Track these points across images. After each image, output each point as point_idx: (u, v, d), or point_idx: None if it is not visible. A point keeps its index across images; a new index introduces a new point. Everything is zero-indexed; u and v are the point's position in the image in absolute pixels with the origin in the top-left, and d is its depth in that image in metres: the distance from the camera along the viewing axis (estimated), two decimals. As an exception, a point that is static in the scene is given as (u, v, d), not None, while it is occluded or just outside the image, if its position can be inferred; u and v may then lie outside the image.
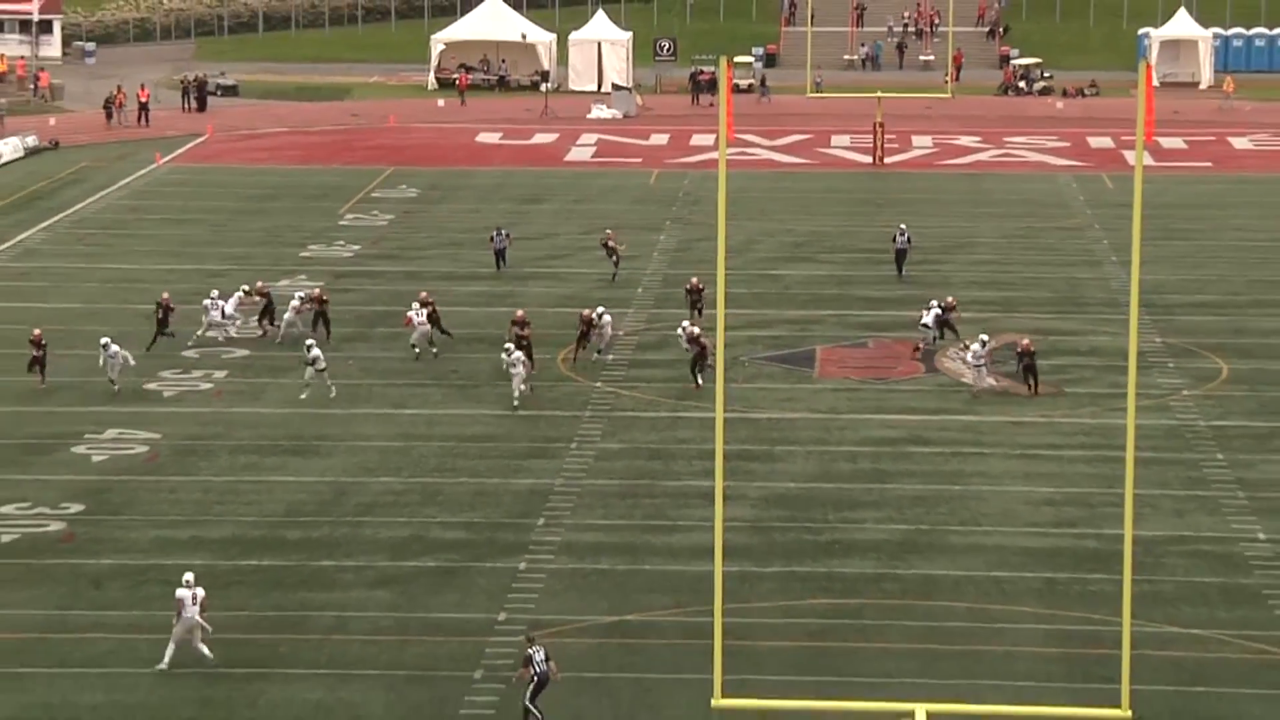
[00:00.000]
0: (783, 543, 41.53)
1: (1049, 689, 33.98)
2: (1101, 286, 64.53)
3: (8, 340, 56.86)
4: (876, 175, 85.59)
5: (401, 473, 45.78)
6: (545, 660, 32.95)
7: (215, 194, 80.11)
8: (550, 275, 65.52)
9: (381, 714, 33.46)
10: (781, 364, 55.26)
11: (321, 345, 52.88)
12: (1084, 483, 45.33)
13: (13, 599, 38.27)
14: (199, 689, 34.28)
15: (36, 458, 46.62)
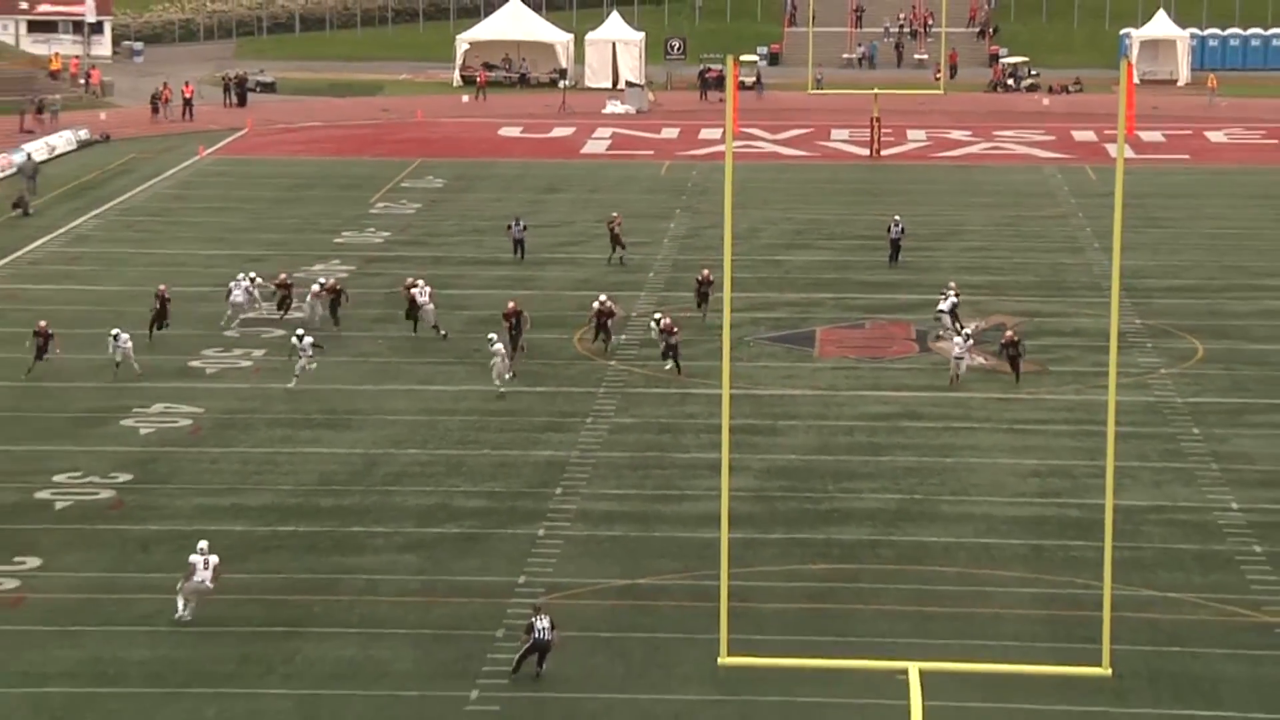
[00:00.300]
0: (784, 511, 41.53)
1: (1034, 649, 33.98)
2: (1084, 271, 64.44)
3: (60, 320, 56.83)
4: (873, 167, 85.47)
5: (427, 445, 45.78)
6: (550, 629, 32.90)
7: (254, 184, 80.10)
8: (567, 260, 65.48)
9: (410, 670, 33.49)
10: (783, 344, 55.22)
11: (328, 334, 53.01)
12: (1067, 455, 45.30)
13: (66, 562, 38.33)
14: (238, 646, 34.31)
15: (88, 430, 46.66)
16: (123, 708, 31.94)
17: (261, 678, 33.18)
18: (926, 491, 42.67)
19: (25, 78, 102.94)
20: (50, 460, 44.41)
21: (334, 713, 31.82)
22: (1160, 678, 33.35)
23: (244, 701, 32.21)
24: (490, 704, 32.17)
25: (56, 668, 33.47)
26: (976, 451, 45.57)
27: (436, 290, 56.78)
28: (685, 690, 32.67)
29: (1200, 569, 38.39)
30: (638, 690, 32.72)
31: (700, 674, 32.93)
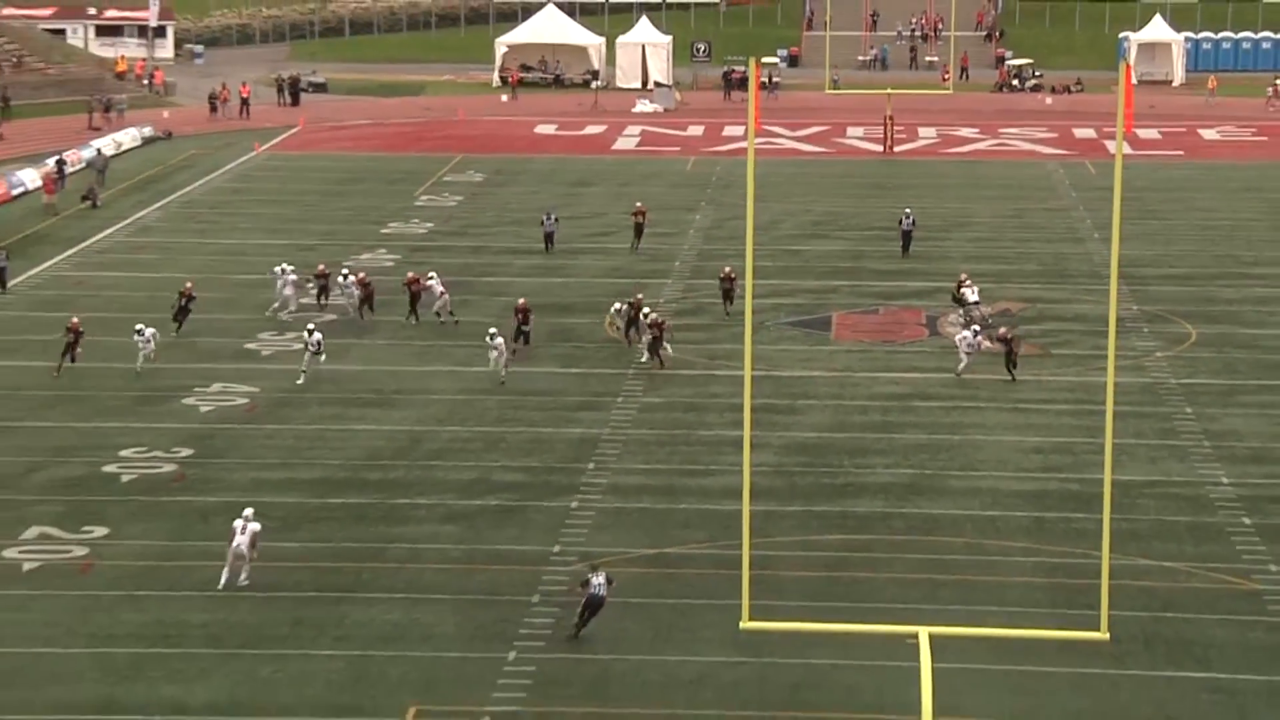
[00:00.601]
0: (802, 485, 41.49)
1: (1037, 614, 33.92)
2: (1084, 260, 64.27)
3: (126, 305, 57.02)
4: (886, 162, 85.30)
5: (468, 423, 45.81)
6: (605, 584, 32.98)
7: (307, 178, 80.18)
8: (598, 250, 65.45)
9: (452, 633, 33.53)
10: (802, 328, 55.16)
11: (361, 323, 53.47)
12: (1068, 433, 45.20)
13: (131, 531, 38.44)
14: (292, 610, 34.37)
15: (152, 408, 46.75)
16: (184, 667, 32.02)
17: (313, 639, 33.24)
18: (936, 467, 42.60)
19: (93, 79, 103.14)
20: (117, 436, 44.54)
21: (381, 672, 31.88)
22: (1155, 641, 33.28)
23: (297, 662, 32.28)
24: (527, 664, 32.20)
25: (122, 629, 33.58)
26: (982, 429, 45.49)
27: (475, 278, 56.69)
28: (709, 652, 32.68)
29: (1193, 540, 38.30)
30: (664, 652, 32.74)
31: (723, 637, 32.93)
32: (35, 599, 34.89)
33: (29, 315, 56.35)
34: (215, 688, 31.24)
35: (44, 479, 41.64)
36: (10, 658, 32.33)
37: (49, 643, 32.99)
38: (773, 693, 31.18)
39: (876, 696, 30.87)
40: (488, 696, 30.93)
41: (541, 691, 31.18)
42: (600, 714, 30.36)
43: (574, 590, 33.42)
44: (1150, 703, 31.00)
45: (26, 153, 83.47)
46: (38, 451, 43.42)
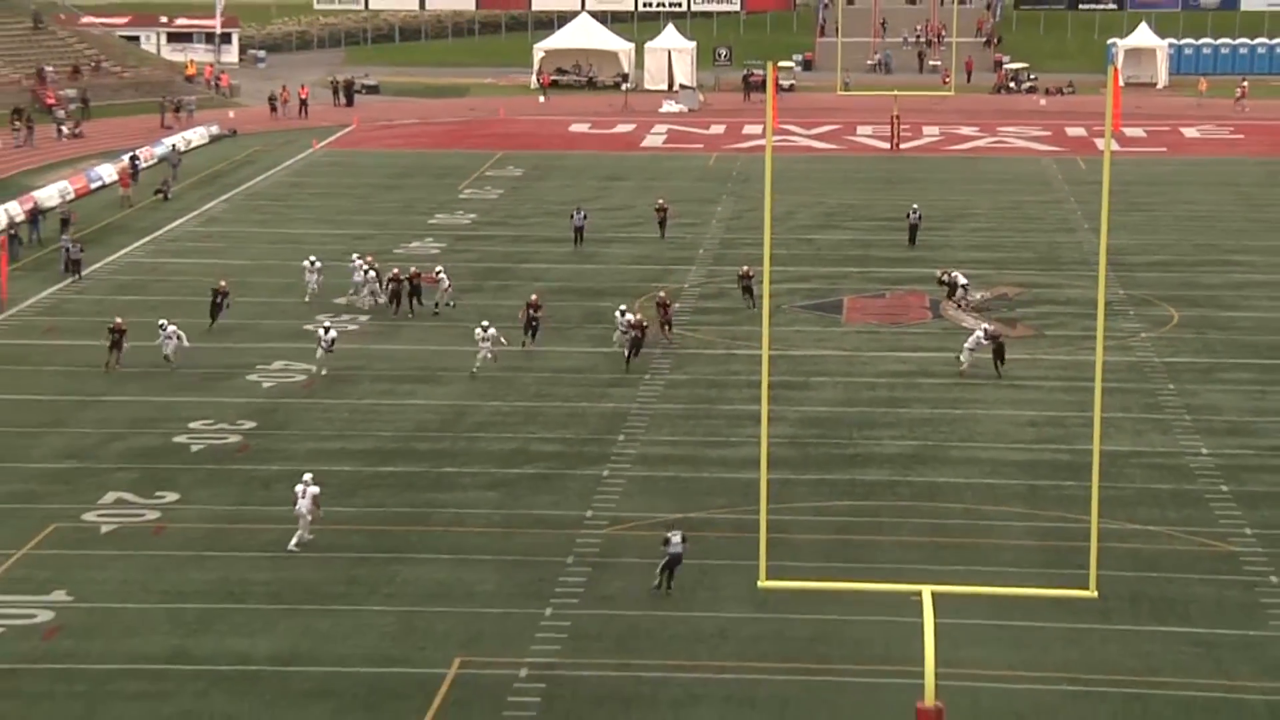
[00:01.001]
0: (815, 455, 41.44)
1: (1031, 574, 33.84)
2: (1075, 249, 64.05)
3: (194, 289, 57.09)
4: (893, 158, 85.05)
5: (508, 397, 45.81)
6: (682, 542, 33.00)
7: (360, 172, 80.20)
8: (628, 239, 65.37)
9: (493, 590, 33.55)
10: (815, 311, 55.05)
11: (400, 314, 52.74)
12: (1060, 408, 45.08)
13: (199, 496, 38.52)
14: (347, 570, 34.42)
15: (218, 384, 46.82)
16: (247, 621, 32.09)
17: (366, 596, 33.29)
18: (938, 439, 42.50)
19: (165, 81, 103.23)
20: (186, 409, 44.63)
21: (428, 627, 31.91)
22: (1140, 599, 33.20)
23: (351, 617, 32.33)
24: (562, 620, 32.20)
25: (191, 587, 33.66)
26: (981, 404, 45.39)
27: (515, 265, 56.56)
28: (729, 609, 32.65)
29: (1175, 505, 38.18)
30: (688, 609, 32.72)
31: (742, 595, 32.92)
32: (112, 559, 35.00)
33: (107, 299, 56.47)
34: (277, 640, 31.31)
35: (121, 448, 41.75)
36: (90, 612, 32.44)
37: (125, 599, 33.10)
38: (789, 646, 31.17)
39: (884, 649, 30.84)
40: (526, 649, 30.95)
41: (575, 645, 31.19)
42: (629, 665, 30.37)
43: (659, 554, 33.29)
44: (1135, 655, 30.93)
45: (104, 149, 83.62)
46: (116, 423, 43.54)
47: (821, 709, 28.86)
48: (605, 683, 29.70)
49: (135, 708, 28.70)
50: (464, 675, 29.95)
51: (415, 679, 29.79)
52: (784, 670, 30.21)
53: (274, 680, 29.72)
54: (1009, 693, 29.39)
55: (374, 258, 57.02)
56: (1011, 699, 29.18)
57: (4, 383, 47.14)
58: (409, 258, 61.92)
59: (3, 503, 38.07)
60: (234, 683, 29.61)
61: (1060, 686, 29.60)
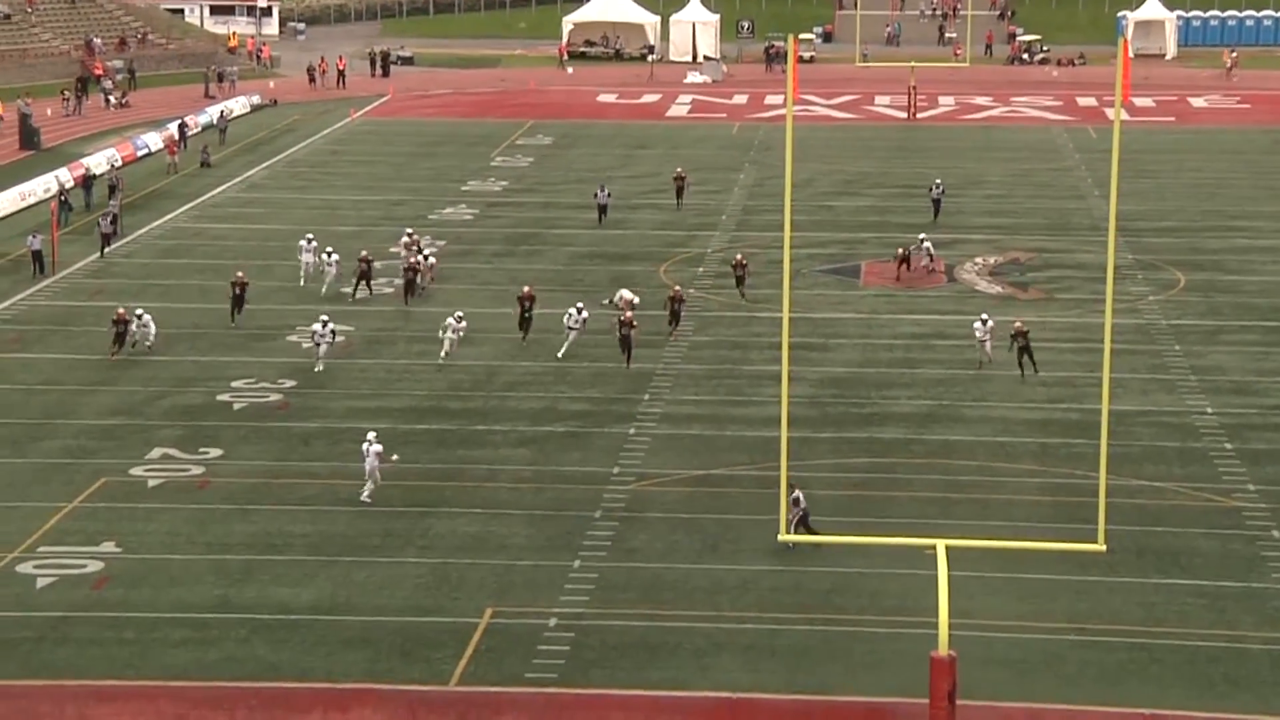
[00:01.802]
0: (834, 414, 41.41)
1: (1041, 528, 33.83)
2: (1086, 215, 63.81)
3: (238, 253, 57.19)
4: (910, 127, 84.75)
5: (539, 358, 45.82)
6: (804, 499, 32.91)
7: (396, 141, 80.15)
8: (652, 205, 65.26)
9: (523, 543, 33.61)
10: (834, 275, 54.94)
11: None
12: (1070, 368, 44.97)
13: (242, 452, 38.63)
14: (383, 523, 34.51)
15: (260, 344, 46.89)
16: (288, 572, 32.20)
17: (401, 548, 33.38)
18: (952, 398, 42.42)
19: (208, 52, 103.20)
20: (230, 369, 44.73)
21: (461, 578, 31.98)
22: (1146, 552, 33.15)
23: (386, 568, 32.42)
24: (590, 572, 32.26)
25: (235, 539, 33.79)
26: (995, 365, 45.26)
27: (544, 230, 56.43)
28: (750, 562, 32.68)
29: (1180, 462, 38.09)
30: (711, 561, 32.76)
31: (763, 548, 32.94)
32: (159, 511, 35.13)
33: (154, 262, 56.59)
34: (316, 590, 31.42)
35: (167, 406, 41.88)
36: (138, 563, 32.59)
37: (171, 550, 33.24)
38: (807, 597, 31.19)
39: (899, 601, 30.85)
40: (555, 599, 31.02)
41: (602, 596, 31.25)
42: (654, 615, 30.43)
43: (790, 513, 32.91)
44: (1141, 606, 30.89)
45: (150, 118, 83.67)
46: (162, 382, 43.66)
47: (838, 658, 28.90)
48: (631, 632, 29.76)
49: (181, 654, 28.84)
50: (495, 624, 30.04)
51: (449, 628, 29.88)
52: (803, 620, 30.24)
53: (313, 628, 29.83)
54: (1019, 642, 29.40)
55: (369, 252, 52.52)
56: (1022, 648, 29.19)
57: (56, 342, 47.30)
58: (441, 223, 62.00)
59: (54, 458, 38.24)
60: (275, 631, 29.74)
61: (1068, 637, 29.59)
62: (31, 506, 35.21)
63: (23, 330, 48.43)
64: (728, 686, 27.88)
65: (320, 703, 27.28)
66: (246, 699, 27.36)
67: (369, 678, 28.11)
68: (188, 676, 28.07)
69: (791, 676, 28.21)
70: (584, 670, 28.39)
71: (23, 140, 76.26)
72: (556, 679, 28.06)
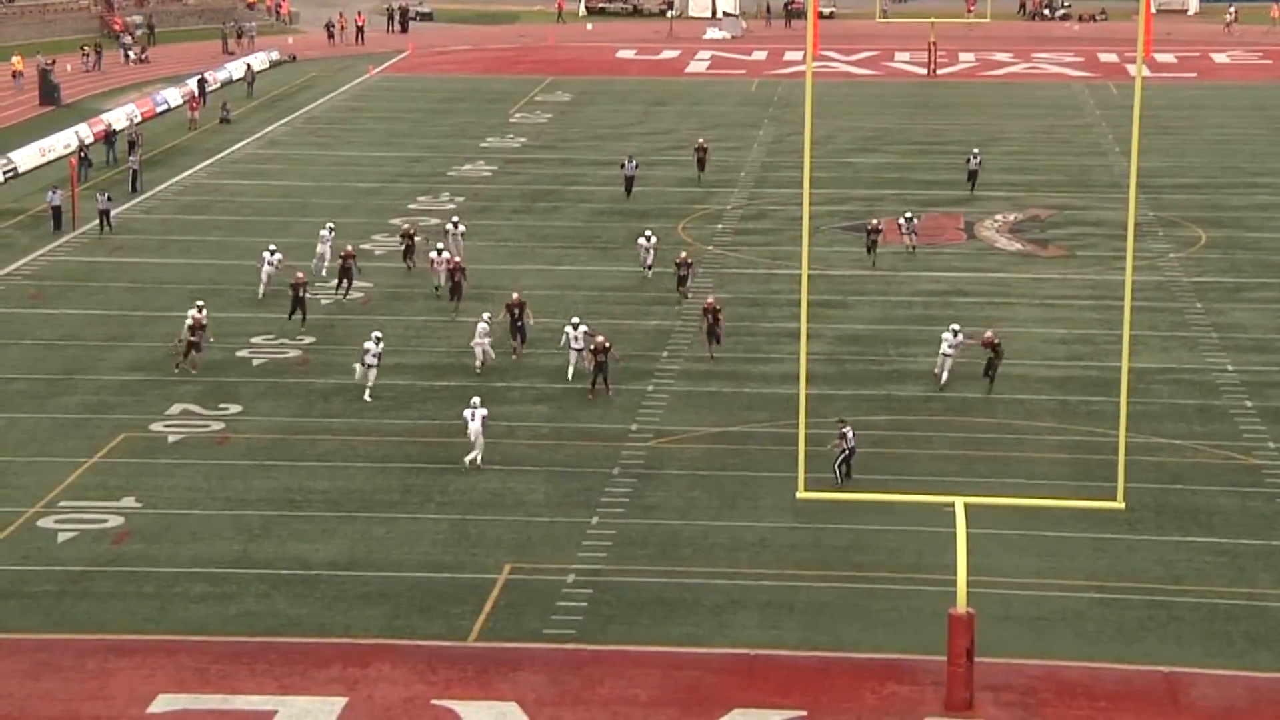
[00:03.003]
0: (853, 371, 41.33)
1: (1061, 486, 33.77)
2: (1106, 171, 63.52)
3: (257, 209, 57.19)
4: (930, 84, 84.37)
5: (556, 315, 45.69)
6: (852, 436, 33.60)
7: (415, 97, 79.98)
8: (672, 162, 65.07)
9: (541, 500, 33.63)
10: (853, 232, 54.73)
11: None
12: (1090, 325, 44.83)
13: (261, 409, 38.66)
14: (402, 479, 34.53)
15: (280, 301, 46.79)
16: (307, 528, 32.25)
17: (421, 505, 33.41)
18: (971, 356, 42.29)
19: (227, 8, 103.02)
20: (249, 325, 44.74)
21: (480, 534, 32.01)
22: (1165, 510, 33.08)
23: (406, 524, 32.46)
24: (607, 529, 32.27)
25: (254, 494, 33.84)
26: (1014, 322, 45.14)
27: (563, 187, 56.28)
28: (769, 519, 32.67)
29: (1200, 420, 37.98)
30: (729, 519, 32.75)
31: (781, 505, 32.92)
32: (179, 467, 35.20)
33: (173, 218, 56.60)
34: (335, 546, 31.47)
35: (187, 362, 41.85)
36: (158, 518, 32.66)
37: (191, 505, 33.31)
38: (826, 554, 31.18)
39: (917, 558, 30.82)
40: (573, 556, 31.04)
41: (620, 552, 31.27)
42: (672, 571, 30.44)
43: (833, 446, 33.67)
44: (1160, 564, 30.83)
45: (169, 74, 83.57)
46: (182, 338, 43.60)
47: (856, 615, 28.90)
48: (649, 588, 29.78)
49: (201, 609, 28.92)
50: (514, 580, 30.08)
51: (467, 583, 29.93)
52: (821, 578, 30.24)
53: (333, 584, 29.89)
54: (1038, 599, 29.37)
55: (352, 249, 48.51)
56: (1040, 605, 29.16)
57: (75, 298, 47.35)
58: (460, 180, 61.88)
59: (75, 413, 38.31)
60: (294, 586, 29.80)
61: (1087, 594, 29.56)
62: (52, 462, 35.30)
63: (43, 285, 48.49)
64: (746, 643, 27.89)
65: (339, 658, 27.35)
66: (266, 654, 27.43)
67: (388, 633, 28.16)
68: (207, 631, 28.15)
69: (809, 633, 28.21)
70: (602, 626, 28.42)
71: (42, 96, 76.29)
72: (574, 635, 28.09)
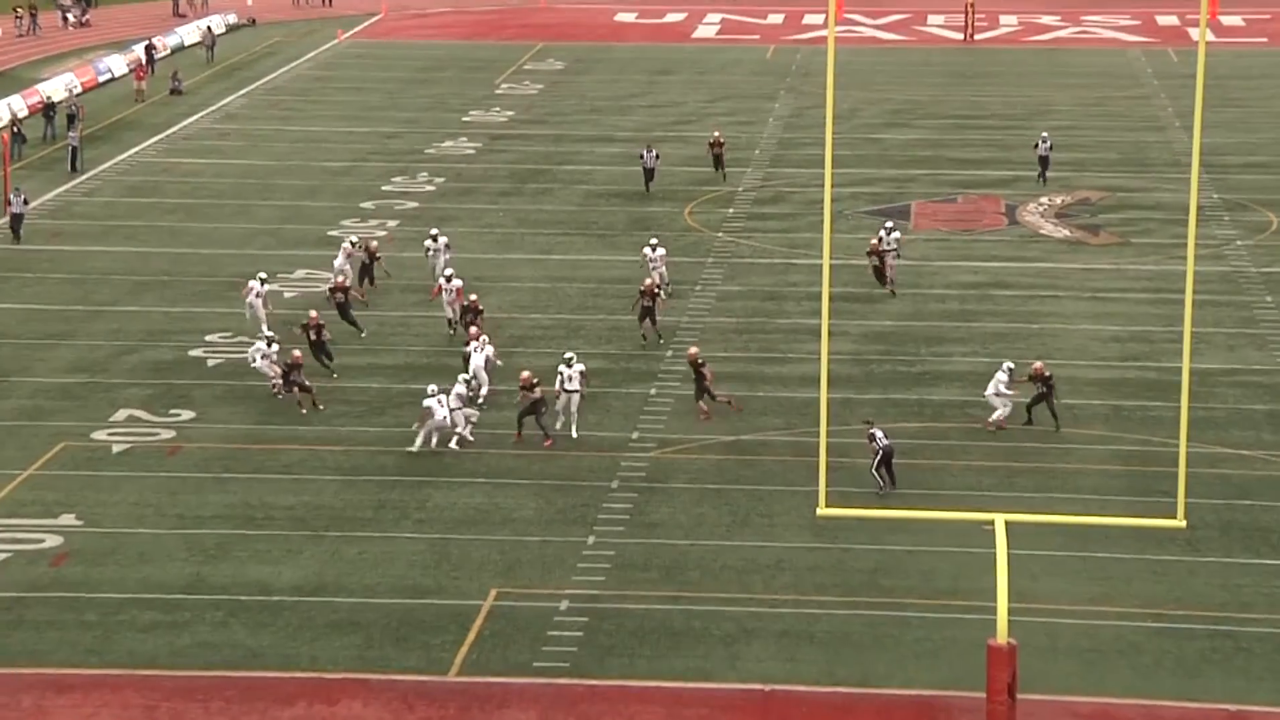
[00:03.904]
0: (880, 373, 41.38)
1: (1113, 501, 33.80)
2: (1165, 149, 63.58)
3: (213, 191, 57.27)
4: (967, 50, 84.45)
5: (549, 310, 45.82)
6: (885, 436, 34.21)
7: (389, 66, 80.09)
8: (677, 138, 65.16)
9: (532, 517, 33.66)
10: (880, 216, 54.78)
11: None
12: (1147, 321, 44.88)
13: (218, 414, 38.70)
14: (375, 493, 34.58)
15: (237, 293, 46.84)
16: (269, 548, 32.29)
17: (396, 522, 33.46)
18: (1013, 355, 42.28)
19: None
20: (203, 321, 44.82)
21: (463, 555, 32.05)
22: (1231, 529, 33.10)
23: (380, 544, 32.50)
24: (605, 549, 32.31)
25: (209, 511, 33.88)
26: (1061, 318, 45.21)
27: (555, 166, 56.32)
28: (786, 538, 32.71)
29: (1270, 428, 38.00)
30: (742, 538, 32.79)
31: (800, 523, 32.96)
32: (125, 480, 35.25)
33: (118, 202, 56.68)
34: (301, 568, 31.51)
35: (133, 362, 41.97)
36: (101, 537, 32.70)
37: (138, 523, 33.35)
38: (849, 578, 31.22)
39: (952, 582, 30.86)
40: (567, 580, 31.08)
41: (620, 575, 31.31)
42: (678, 597, 30.47)
43: (869, 451, 34.47)
44: (1226, 589, 30.85)
45: (113, 39, 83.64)
46: (128, 335, 43.76)
47: (884, 645, 28.93)
48: (652, 616, 29.82)
49: (149, 639, 28.95)
50: (500, 607, 30.12)
51: (448, 610, 29.97)
52: (844, 604, 30.27)
53: (297, 611, 29.93)
54: (1088, 629, 29.40)
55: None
56: (1091, 636, 29.19)
57: (8, 291, 47.41)
58: (440, 158, 61.96)
59: (9, 420, 38.36)
60: (254, 613, 29.84)
61: (1144, 623, 29.58)
62: (-18, 474, 35.39)
63: (-28, 277, 48.61)
64: (760, 678, 27.94)
65: (305, 694, 27.38)
66: (223, 689, 27.46)
67: (359, 666, 28.20)
68: (157, 664, 28.17)
69: (831, 667, 28.26)
70: (599, 659, 28.46)
71: (-30, 64, 76.43)
72: (568, 668, 28.13)
